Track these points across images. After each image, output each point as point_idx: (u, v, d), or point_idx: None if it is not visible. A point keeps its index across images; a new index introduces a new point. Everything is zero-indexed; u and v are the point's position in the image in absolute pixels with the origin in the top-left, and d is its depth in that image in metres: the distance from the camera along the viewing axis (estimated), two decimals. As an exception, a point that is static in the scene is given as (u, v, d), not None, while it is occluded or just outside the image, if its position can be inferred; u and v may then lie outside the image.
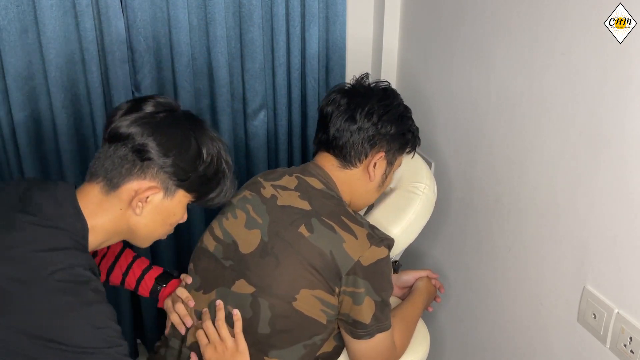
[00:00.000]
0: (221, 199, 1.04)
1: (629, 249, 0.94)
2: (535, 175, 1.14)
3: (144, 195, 0.94)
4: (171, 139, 0.94)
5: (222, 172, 1.01)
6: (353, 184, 1.21)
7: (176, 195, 0.97)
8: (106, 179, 0.94)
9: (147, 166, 0.93)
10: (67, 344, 0.82)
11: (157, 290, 1.25)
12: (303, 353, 1.10)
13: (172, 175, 0.95)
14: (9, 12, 1.30)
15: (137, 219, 0.96)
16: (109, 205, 0.95)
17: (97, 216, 0.95)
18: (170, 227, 1.02)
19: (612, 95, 0.92)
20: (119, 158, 0.93)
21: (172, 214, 0.99)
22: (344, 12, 1.61)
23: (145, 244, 1.04)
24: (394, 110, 1.21)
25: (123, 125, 0.93)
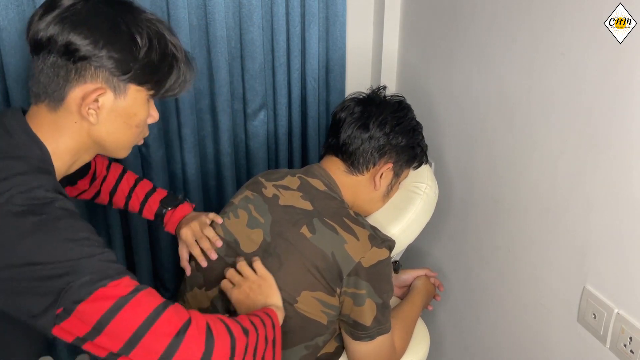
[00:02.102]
0: (182, 86, 0.94)
1: (629, 248, 0.94)
2: (535, 175, 1.14)
3: (90, 99, 0.85)
4: (96, 30, 0.83)
5: (170, 55, 0.90)
6: (357, 190, 1.21)
7: (128, 92, 0.87)
8: (48, 96, 0.86)
9: (82, 67, 0.83)
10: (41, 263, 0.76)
11: (162, 213, 1.24)
12: (304, 354, 1.11)
13: (113, 70, 0.85)
14: (9, 12, 1.30)
15: (97, 128, 0.88)
16: (62, 122, 0.87)
17: (55, 138, 0.87)
18: (137, 129, 0.93)
19: (612, 95, 0.92)
20: (50, 68, 0.84)
21: (132, 114, 0.90)
22: (344, 12, 1.61)
23: (121, 152, 0.96)
24: (407, 123, 1.22)
25: (41, 28, 0.83)
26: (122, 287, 0.79)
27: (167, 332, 0.79)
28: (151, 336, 0.78)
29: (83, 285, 0.76)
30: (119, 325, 0.77)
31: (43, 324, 0.77)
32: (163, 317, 0.80)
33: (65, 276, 0.76)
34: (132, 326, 0.77)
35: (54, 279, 0.76)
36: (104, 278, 0.78)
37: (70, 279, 0.76)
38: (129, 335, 0.77)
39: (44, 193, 0.81)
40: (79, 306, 0.76)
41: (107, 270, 0.79)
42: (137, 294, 0.79)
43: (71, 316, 0.76)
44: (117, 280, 0.79)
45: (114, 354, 0.79)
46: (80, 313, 0.76)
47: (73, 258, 0.77)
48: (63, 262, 0.77)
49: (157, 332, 0.78)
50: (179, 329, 0.80)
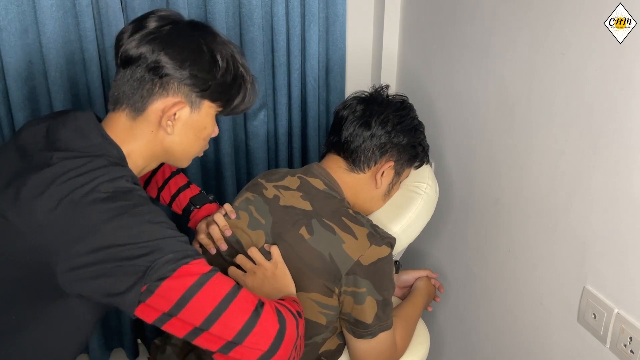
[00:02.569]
0: (246, 104, 1.02)
1: (629, 249, 0.94)
2: (535, 175, 1.14)
3: (171, 112, 0.93)
4: (183, 50, 0.92)
5: (241, 76, 0.99)
6: (358, 188, 1.21)
7: (202, 107, 0.96)
8: (129, 105, 0.93)
9: (166, 82, 0.92)
10: (127, 243, 0.81)
11: (190, 210, 1.28)
12: (304, 351, 1.11)
13: (193, 87, 0.93)
14: (9, 12, 1.30)
15: (171, 138, 0.96)
16: (140, 130, 0.94)
17: (130, 143, 0.94)
18: (204, 141, 1.01)
19: (612, 95, 0.92)
20: (136, 81, 0.92)
21: (202, 127, 0.98)
22: (344, 12, 1.61)
23: (184, 163, 1.03)
24: (408, 122, 1.22)
25: (131, 46, 0.91)
26: (203, 266, 0.84)
27: (246, 308, 0.84)
28: (232, 311, 0.83)
29: (167, 262, 0.81)
30: (202, 300, 0.82)
31: (128, 302, 0.81)
32: (241, 294, 0.85)
33: (150, 255, 0.81)
34: (214, 301, 0.82)
35: (139, 258, 0.81)
36: (186, 257, 0.83)
37: (154, 257, 0.81)
38: (210, 309, 0.82)
39: (125, 183, 0.88)
40: (164, 282, 0.81)
41: (188, 250, 0.85)
42: (216, 273, 0.85)
43: (155, 293, 0.81)
44: (198, 260, 0.85)
45: (195, 328, 0.83)
46: (164, 289, 0.81)
47: (157, 238, 0.83)
48: (147, 242, 0.82)
49: (237, 307, 0.83)
50: (256, 306, 0.85)
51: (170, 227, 0.87)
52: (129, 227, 0.83)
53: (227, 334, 0.82)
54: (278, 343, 0.84)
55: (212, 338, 0.83)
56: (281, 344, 0.84)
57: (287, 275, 1.06)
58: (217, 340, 0.83)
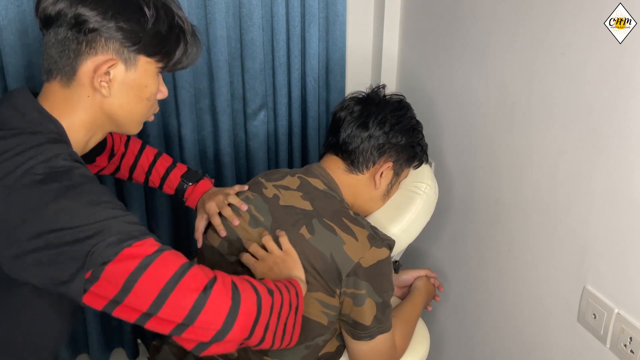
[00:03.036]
0: (190, 57, 0.95)
1: (629, 249, 0.94)
2: (535, 175, 1.14)
3: (102, 70, 0.86)
4: (104, 1, 0.85)
5: (177, 26, 0.91)
6: (358, 189, 1.21)
7: (138, 63, 0.89)
8: (60, 71, 0.87)
9: (92, 39, 0.84)
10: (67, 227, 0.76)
11: (183, 188, 1.26)
12: (305, 354, 1.11)
13: (123, 41, 0.86)
14: (9, 12, 1.30)
15: (110, 101, 0.89)
16: (75, 97, 0.88)
17: (68, 114, 0.88)
18: (148, 102, 0.93)
19: (612, 95, 0.92)
20: (60, 43, 0.85)
21: (142, 85, 0.91)
22: (344, 12, 1.61)
23: (132, 128, 0.97)
24: (406, 122, 1.22)
25: (48, 3, 0.85)
26: (147, 247, 0.80)
27: (194, 287, 0.79)
28: (178, 292, 0.78)
29: (109, 246, 0.77)
30: (146, 283, 0.78)
31: (74, 290, 0.78)
32: (189, 274, 0.80)
33: (91, 239, 0.77)
34: (158, 284, 0.78)
35: (80, 242, 0.76)
36: (129, 238, 0.78)
37: (95, 241, 0.77)
38: (156, 292, 0.78)
39: (63, 162, 0.82)
40: (107, 267, 0.77)
41: (132, 231, 0.80)
42: (162, 253, 0.80)
43: (100, 279, 0.77)
44: (142, 240, 0.80)
45: (143, 314, 0.79)
46: (108, 274, 0.77)
47: (97, 220, 0.78)
48: (88, 225, 0.77)
49: (183, 288, 0.79)
50: (206, 284, 0.80)
51: (114, 206, 0.82)
52: (67, 210, 0.78)
53: (177, 316, 0.78)
54: (231, 320, 0.80)
55: (162, 322, 0.79)
56: (235, 321, 0.80)
57: (297, 263, 1.05)
58: (168, 323, 0.79)
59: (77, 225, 0.77)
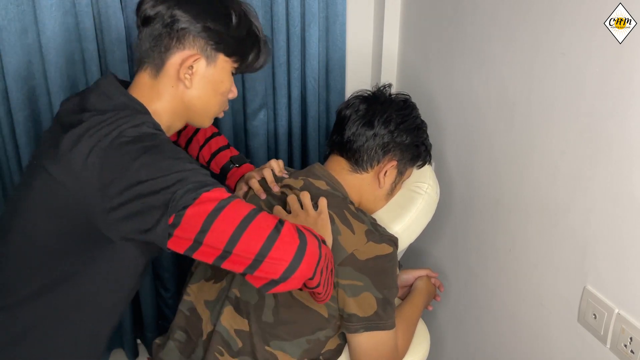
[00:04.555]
0: (261, 61, 1.07)
1: (629, 249, 0.94)
2: (535, 175, 1.14)
3: (187, 63, 0.97)
4: (197, 5, 0.98)
5: (254, 32, 1.04)
6: (362, 188, 1.22)
7: (218, 61, 1.00)
8: (150, 63, 0.99)
9: (182, 36, 0.97)
10: (150, 178, 0.86)
11: (229, 167, 1.35)
12: (306, 348, 1.11)
13: (208, 40, 0.98)
14: (9, 12, 1.30)
15: (190, 92, 1.00)
16: (161, 86, 0.99)
17: (153, 101, 0.99)
18: (222, 97, 1.05)
19: (612, 95, 0.92)
20: (155, 38, 0.97)
21: (219, 81, 1.02)
22: (344, 12, 1.61)
23: (205, 120, 1.08)
24: (411, 121, 1.22)
25: (149, 6, 0.98)
26: (223, 192, 0.89)
27: (265, 226, 0.87)
28: (251, 230, 0.86)
29: (187, 192, 0.86)
30: (223, 223, 0.86)
31: (159, 235, 0.86)
32: (260, 216, 0.88)
33: (171, 187, 0.86)
34: (233, 223, 0.86)
35: (162, 191, 0.85)
36: (205, 185, 0.88)
37: (175, 189, 0.86)
38: (231, 230, 0.85)
39: (148, 129, 0.93)
40: (187, 210, 0.85)
41: (207, 180, 0.89)
42: (235, 199, 0.89)
43: (182, 222, 0.85)
44: (218, 188, 0.89)
45: (221, 252, 0.87)
46: (188, 217, 0.85)
47: (177, 170, 0.88)
48: (168, 175, 0.86)
49: (256, 226, 0.87)
50: (275, 224, 0.88)
51: (191, 161, 0.91)
52: (151, 163, 0.87)
53: (250, 253, 0.85)
54: (300, 256, 0.87)
55: (237, 259, 0.86)
56: (303, 257, 0.87)
57: (327, 227, 1.07)
58: (242, 260, 0.86)
59: (158, 176, 0.86)
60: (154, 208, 0.85)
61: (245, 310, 1.11)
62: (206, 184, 0.88)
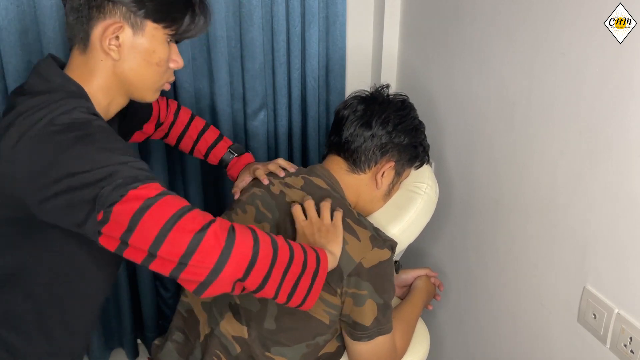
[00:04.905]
0: (198, 27, 1.00)
1: (629, 249, 0.94)
2: (535, 175, 1.14)
3: (109, 32, 0.92)
4: None
5: None
6: (360, 189, 1.22)
7: (145, 28, 0.94)
8: (76, 37, 0.94)
9: (100, 4, 0.92)
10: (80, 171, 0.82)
11: (229, 158, 1.34)
12: (305, 352, 1.11)
13: (129, 6, 0.92)
14: (9, 12, 1.30)
15: (120, 65, 0.95)
16: (92, 62, 0.95)
17: (87, 79, 0.95)
18: (158, 67, 0.98)
19: (612, 95, 0.92)
20: (76, 11, 0.93)
21: (150, 51, 0.96)
22: (344, 12, 1.61)
23: (147, 94, 1.02)
24: (409, 122, 1.22)
25: None
26: (151, 189, 0.84)
27: (191, 228, 0.82)
28: (176, 232, 0.82)
29: (115, 188, 0.81)
30: (148, 223, 0.82)
31: (89, 231, 0.83)
32: (188, 215, 0.83)
33: (100, 182, 0.82)
34: (158, 223, 0.81)
35: (91, 185, 0.82)
36: (135, 181, 0.83)
37: (104, 184, 0.81)
38: (156, 232, 0.81)
39: (81, 114, 0.88)
40: (114, 208, 0.81)
41: (138, 175, 0.84)
42: (164, 196, 0.84)
43: (110, 220, 0.82)
44: (147, 184, 0.84)
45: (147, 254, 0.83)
46: (115, 214, 0.81)
47: (107, 164, 0.83)
48: (98, 169, 0.82)
49: (181, 228, 0.82)
50: (202, 225, 0.83)
51: (125, 152, 0.87)
52: (82, 155, 0.83)
53: (174, 255, 0.81)
54: (224, 259, 0.82)
55: (163, 262, 0.83)
56: (227, 260, 0.82)
57: (339, 238, 1.05)
58: (168, 263, 0.82)
59: (88, 170, 0.82)
60: (83, 203, 0.82)
61: (245, 318, 1.11)
62: (136, 179, 0.83)
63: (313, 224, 1.07)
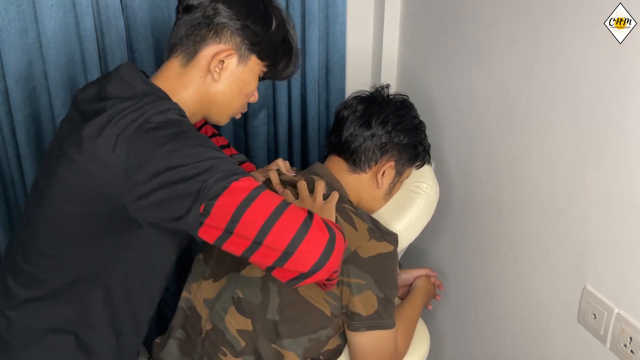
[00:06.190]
0: (289, 71, 1.08)
1: (629, 249, 0.94)
2: (535, 175, 1.14)
3: (220, 56, 0.98)
4: (241, 3, 0.99)
5: (289, 41, 1.05)
6: (360, 189, 1.22)
7: (249, 61, 1.01)
8: (183, 50, 0.99)
9: (220, 29, 0.97)
10: (179, 165, 0.85)
11: None
12: (307, 347, 1.11)
13: (244, 39, 0.99)
14: (9, 12, 1.30)
15: (216, 86, 1.00)
16: (189, 76, 0.99)
17: (179, 90, 0.99)
18: (245, 98, 1.05)
19: (612, 95, 0.92)
20: (192, 26, 0.98)
21: (246, 82, 1.03)
22: (344, 12, 1.61)
23: (223, 118, 1.07)
24: (409, 121, 1.22)
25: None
26: (252, 182, 0.88)
27: (296, 218, 0.86)
28: (282, 222, 0.85)
29: (218, 181, 0.85)
30: (254, 212, 0.85)
31: (190, 224, 0.86)
32: (290, 208, 0.88)
33: (201, 175, 0.85)
34: (265, 213, 0.85)
35: (192, 178, 0.85)
36: (235, 174, 0.87)
37: (205, 177, 0.85)
38: (262, 221, 0.85)
39: (174, 115, 0.93)
40: (218, 200, 0.84)
41: (236, 169, 0.89)
42: (265, 189, 0.88)
43: (212, 211, 0.84)
44: (247, 177, 0.88)
45: (251, 243, 0.86)
46: (219, 207, 0.84)
47: (206, 159, 0.87)
48: (197, 163, 0.86)
49: (287, 218, 0.86)
50: (305, 217, 0.87)
51: (218, 149, 0.91)
52: (179, 149, 0.87)
53: (280, 245, 0.85)
54: (330, 249, 0.86)
55: (267, 251, 0.85)
56: (332, 251, 0.87)
57: (331, 216, 1.07)
58: (272, 252, 0.85)
59: (187, 163, 0.85)
60: (185, 196, 0.84)
61: (248, 310, 1.11)
62: (235, 173, 0.87)
63: (304, 202, 1.08)
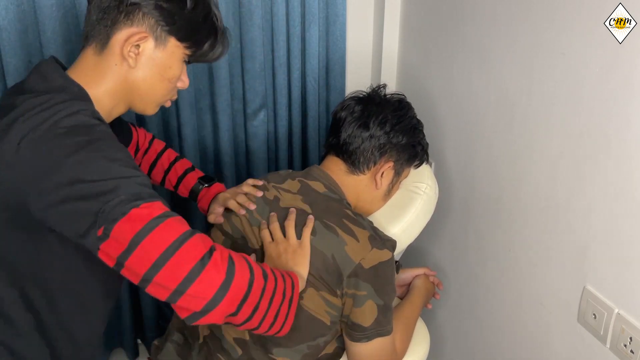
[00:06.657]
0: (216, 52, 1.01)
1: (629, 249, 0.94)
2: (535, 175, 1.14)
3: (132, 40, 0.91)
4: None
5: (211, 19, 0.98)
6: (359, 190, 1.22)
7: (168, 44, 0.95)
8: (96, 37, 0.93)
9: (131, 11, 0.91)
10: (83, 180, 0.80)
11: (198, 189, 1.30)
12: (305, 353, 1.11)
13: (159, 20, 0.92)
14: (9, 12, 1.30)
15: (134, 73, 0.95)
16: (105, 64, 0.94)
17: (96, 81, 0.94)
18: (169, 84, 0.99)
19: (612, 95, 0.92)
20: (102, 11, 0.92)
21: (167, 66, 0.96)
22: (344, 12, 1.61)
23: (149, 106, 1.01)
24: (407, 122, 1.22)
25: None
26: (155, 209, 0.81)
27: (193, 256, 0.80)
28: (177, 259, 0.79)
29: (119, 204, 0.79)
30: (149, 245, 0.79)
31: (89, 245, 0.81)
32: (190, 241, 0.81)
33: (104, 195, 0.79)
34: (160, 247, 0.79)
35: (94, 198, 0.79)
36: (138, 199, 0.81)
37: (107, 199, 0.79)
38: (157, 256, 0.79)
39: (86, 118, 0.87)
40: (115, 226, 0.79)
41: (141, 192, 0.82)
42: (167, 218, 0.82)
43: (110, 237, 0.79)
44: (150, 203, 0.82)
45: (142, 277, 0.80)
46: (116, 233, 0.79)
47: (111, 177, 0.81)
48: (102, 181, 0.80)
49: (183, 255, 0.80)
50: (204, 254, 0.81)
51: (128, 164, 0.85)
52: (86, 162, 0.81)
53: (171, 283, 0.79)
54: (222, 292, 0.81)
55: (158, 288, 0.80)
56: (225, 294, 0.81)
57: (306, 259, 1.06)
58: (163, 290, 0.80)
59: (92, 180, 0.80)
60: (86, 214, 0.79)
61: None
62: (139, 197, 0.81)
63: (279, 245, 1.07)
